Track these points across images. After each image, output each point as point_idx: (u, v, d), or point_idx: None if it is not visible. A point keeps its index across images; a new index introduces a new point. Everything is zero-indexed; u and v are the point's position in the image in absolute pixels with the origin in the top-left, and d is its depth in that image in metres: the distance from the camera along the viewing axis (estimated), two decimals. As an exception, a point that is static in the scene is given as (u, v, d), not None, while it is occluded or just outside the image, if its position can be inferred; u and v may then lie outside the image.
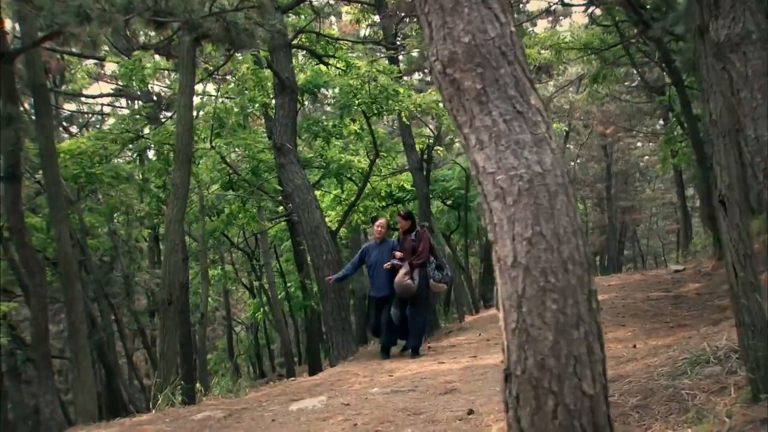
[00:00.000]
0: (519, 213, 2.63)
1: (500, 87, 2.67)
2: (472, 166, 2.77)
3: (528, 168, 2.63)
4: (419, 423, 5.74)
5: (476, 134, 2.70)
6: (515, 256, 2.64)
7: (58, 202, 8.92)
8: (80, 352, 8.95)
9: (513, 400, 2.69)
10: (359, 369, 10.22)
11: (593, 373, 2.59)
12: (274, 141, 11.90)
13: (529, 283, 2.61)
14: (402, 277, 9.01)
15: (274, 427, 6.41)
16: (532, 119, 2.67)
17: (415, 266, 9.15)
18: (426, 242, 9.24)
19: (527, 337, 2.61)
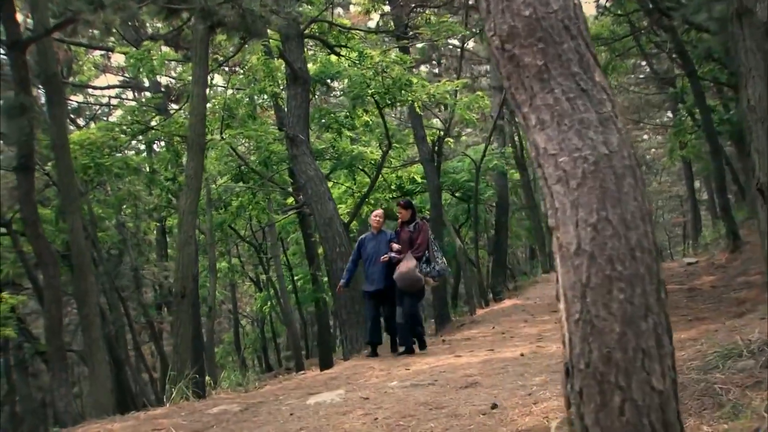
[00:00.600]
0: (583, 197, 2.47)
1: (563, 63, 2.51)
2: (532, 147, 2.61)
3: (593, 149, 2.46)
4: (441, 417, 5.60)
5: (537, 113, 2.54)
6: (579, 243, 2.48)
7: (71, 194, 8.77)
8: (94, 345, 8.82)
9: (575, 395, 2.53)
10: (374, 362, 10.10)
11: (662, 368, 2.44)
12: (287, 132, 11.75)
13: (594, 272, 2.45)
14: (411, 269, 8.66)
15: (293, 422, 6.27)
16: (596, 97, 2.51)
17: (419, 258, 8.80)
18: (425, 234, 8.88)
19: (592, 328, 2.46)
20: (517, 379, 6.75)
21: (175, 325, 9.68)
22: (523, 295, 17.90)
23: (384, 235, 9.14)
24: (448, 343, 11.25)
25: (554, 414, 4.91)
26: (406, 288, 8.77)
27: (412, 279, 8.66)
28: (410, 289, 8.79)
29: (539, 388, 5.98)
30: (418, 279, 8.68)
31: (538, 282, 19.92)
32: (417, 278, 8.67)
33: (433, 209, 15.47)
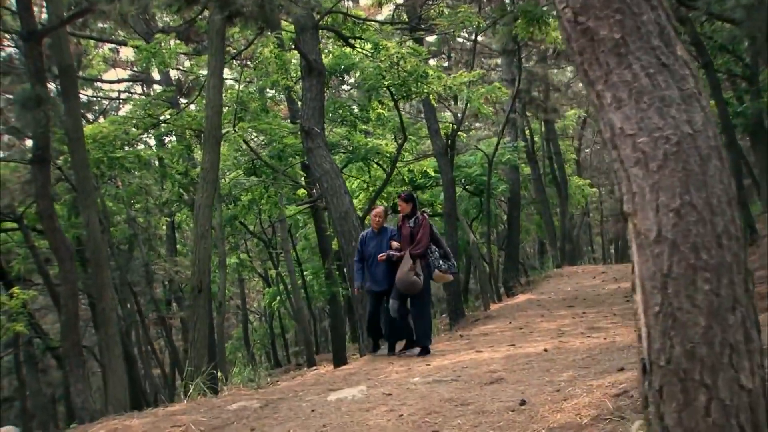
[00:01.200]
0: (665, 180, 2.29)
1: (642, 36, 2.33)
2: (606, 128, 2.43)
3: (676, 128, 2.29)
4: (468, 414, 5.46)
5: (613, 91, 2.36)
6: (659, 230, 2.30)
7: (86, 187, 8.61)
8: (110, 340, 8.69)
9: (655, 393, 2.36)
10: (393, 358, 9.96)
11: (751, 364, 2.26)
12: (302, 124, 11.56)
13: (677, 261, 2.28)
14: (406, 273, 8.19)
15: (314, 418, 6.14)
16: (679, 72, 2.33)
17: (414, 257, 8.29)
18: (426, 229, 8.39)
19: (674, 322, 2.28)
20: (543, 374, 6.62)
21: (192, 320, 9.53)
22: (537, 290, 17.72)
23: (385, 232, 8.74)
24: (467, 338, 11.10)
25: (586, 411, 4.77)
26: (404, 292, 8.40)
27: (408, 283, 8.23)
28: (410, 292, 8.40)
29: (567, 384, 5.84)
30: (413, 282, 8.23)
31: (550, 277, 19.73)
32: (412, 282, 8.22)
33: (447, 203, 15.30)
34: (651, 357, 2.37)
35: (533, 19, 13.45)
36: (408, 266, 8.15)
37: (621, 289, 15.05)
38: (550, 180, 26.08)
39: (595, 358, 7.16)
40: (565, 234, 25.60)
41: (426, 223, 8.41)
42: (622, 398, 4.86)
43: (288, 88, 13.53)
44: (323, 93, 11.79)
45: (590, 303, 13.72)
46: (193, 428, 6.44)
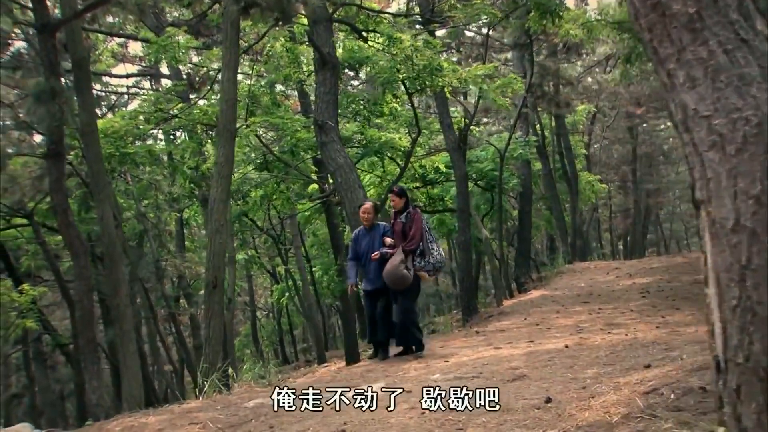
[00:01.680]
0: (744, 165, 2.13)
1: (719, 9, 2.18)
2: (678, 109, 2.28)
3: (756, 109, 2.13)
4: (492, 411, 5.32)
5: (686, 69, 2.21)
6: (737, 219, 2.15)
7: (101, 182, 8.49)
8: (125, 336, 8.57)
9: (731, 393, 2.21)
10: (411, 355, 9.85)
11: (838, 361, 2.11)
12: (316, 118, 11.43)
13: (757, 251, 2.12)
14: (396, 266, 7.87)
15: (335, 415, 6.02)
16: (759, 48, 2.17)
17: (407, 253, 7.99)
18: (418, 224, 8.09)
19: (753, 317, 2.13)
20: (567, 371, 6.52)
21: (206, 317, 9.42)
22: (550, 286, 17.57)
23: (377, 229, 8.43)
24: (483, 335, 10.99)
25: (615, 409, 4.64)
26: (393, 286, 8.05)
27: (397, 276, 7.90)
28: (398, 287, 8.05)
29: (593, 381, 5.74)
30: (402, 276, 7.89)
31: (563, 273, 19.55)
32: (401, 275, 7.89)
33: (460, 199, 15.14)
34: (727, 354, 2.21)
35: (546, 11, 13.32)
36: (399, 259, 7.88)
37: (636, 285, 14.90)
38: (560, 176, 25.90)
39: (619, 355, 7.05)
40: (575, 230, 25.43)
41: (418, 218, 8.15)
42: (652, 396, 4.73)
43: (300, 81, 13.38)
44: (337, 86, 11.63)
45: (605, 299, 13.58)
46: (210, 426, 6.34)
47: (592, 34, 17.55)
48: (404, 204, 8.23)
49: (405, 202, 8.24)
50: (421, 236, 8.05)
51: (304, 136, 12.77)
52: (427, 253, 8.07)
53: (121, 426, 6.78)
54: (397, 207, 8.23)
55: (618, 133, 37.25)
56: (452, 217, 21.23)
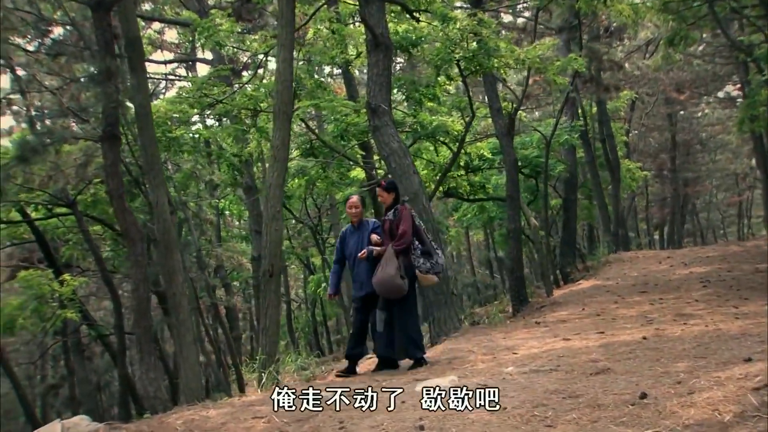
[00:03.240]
0: None
1: None
2: None
3: None
4: (581, 407, 5.02)
5: None
6: None
7: (155, 166, 8.17)
8: (182, 326, 8.26)
9: None
10: (471, 346, 9.52)
11: None
12: (368, 102, 11.04)
13: None
14: (391, 276, 7.02)
15: (407, 410, 5.71)
16: None
17: (398, 253, 7.13)
18: (407, 221, 7.22)
19: None
20: (654, 365, 6.18)
21: (263, 306, 9.10)
22: (599, 275, 17.12)
23: (366, 226, 7.65)
24: (545, 325, 10.60)
25: (724, 406, 4.29)
26: (385, 295, 7.26)
27: (391, 286, 7.08)
28: (390, 296, 7.23)
29: (688, 375, 5.40)
30: (398, 286, 7.08)
31: (610, 262, 19.06)
32: (397, 286, 7.07)
33: (510, 186, 14.68)
34: None
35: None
36: (394, 267, 7.03)
37: (694, 275, 14.40)
38: (600, 163, 25.30)
39: (708, 348, 6.67)
40: (617, 219, 24.84)
41: (406, 214, 7.29)
42: (763, 392, 4.38)
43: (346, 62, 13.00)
44: (390, 69, 11.24)
45: (664, 289, 13.11)
46: (276, 420, 6.04)
47: (638, 16, 16.99)
48: (393, 200, 7.46)
49: (394, 198, 7.46)
50: (411, 233, 7.24)
51: (355, 121, 12.39)
52: (433, 252, 7.38)
53: (181, 419, 6.50)
54: (386, 203, 7.47)
55: (656, 121, 36.49)
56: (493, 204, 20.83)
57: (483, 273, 33.78)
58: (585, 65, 14.40)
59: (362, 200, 7.81)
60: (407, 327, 7.44)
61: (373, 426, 5.45)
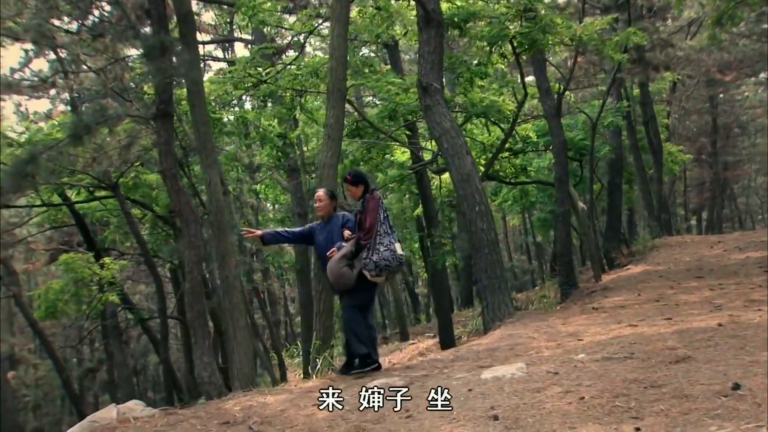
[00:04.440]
0: None
1: None
2: None
3: None
4: (667, 398, 4.59)
5: None
6: None
7: (208, 145, 7.91)
8: (235, 310, 8.03)
9: None
10: (531, 332, 9.19)
11: None
12: (419, 80, 10.69)
13: None
14: (336, 262, 6.52)
15: (476, 399, 5.47)
16: None
17: (363, 247, 6.56)
18: (373, 213, 6.58)
19: None
20: (739, 353, 5.70)
21: (317, 291, 8.85)
22: (648, 261, 16.64)
23: (335, 221, 6.96)
24: (604, 311, 10.22)
25: None
26: (334, 286, 6.76)
27: (334, 275, 6.55)
28: (338, 287, 6.71)
29: None
30: (340, 274, 6.51)
31: (657, 247, 18.56)
32: (339, 273, 6.51)
33: (558, 168, 14.28)
34: None
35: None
36: (339, 255, 6.53)
37: (751, 259, 13.88)
38: (642, 146, 24.67)
39: (799, 336, 6.27)
40: (660, 203, 24.23)
41: (373, 204, 6.63)
42: None
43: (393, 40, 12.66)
44: (442, 46, 10.86)
45: (721, 274, 12.62)
46: (337, 407, 5.79)
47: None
48: (363, 191, 6.76)
49: (364, 189, 6.75)
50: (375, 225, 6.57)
51: (404, 100, 12.03)
52: (372, 248, 6.56)
53: (239, 405, 6.29)
54: (357, 196, 6.82)
55: (696, 104, 35.62)
56: (534, 188, 20.39)
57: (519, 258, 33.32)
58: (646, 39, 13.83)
59: (331, 194, 7.07)
60: (351, 322, 6.82)
61: (442, 415, 5.20)
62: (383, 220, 6.62)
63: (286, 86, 12.45)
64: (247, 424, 5.55)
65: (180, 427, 5.68)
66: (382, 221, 6.62)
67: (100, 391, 29.35)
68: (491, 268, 10.66)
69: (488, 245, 10.64)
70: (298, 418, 5.54)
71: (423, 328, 21.60)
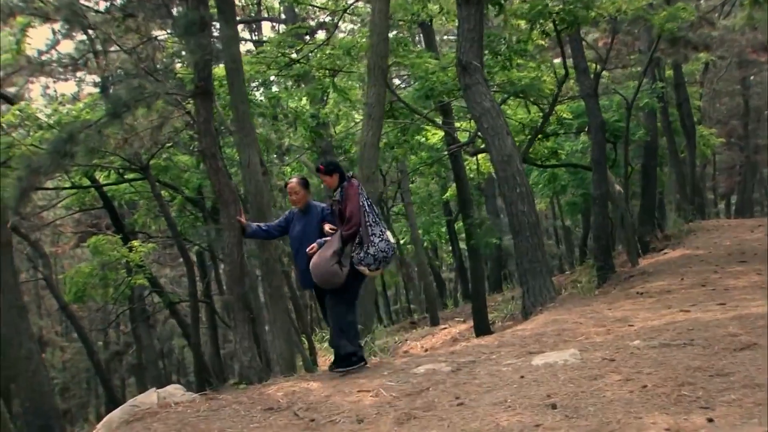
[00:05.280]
0: None
1: None
2: None
3: None
4: (737, 388, 4.39)
5: None
6: None
7: (247, 124, 7.69)
8: (275, 293, 7.85)
9: None
10: (576, 317, 8.98)
11: None
12: (459, 58, 10.40)
13: None
14: (326, 260, 5.99)
15: (529, 386, 5.37)
16: None
17: (347, 240, 6.06)
18: (353, 201, 6.03)
19: None
20: None
21: (355, 274, 8.62)
22: (686, 245, 16.29)
23: (313, 212, 6.47)
24: (649, 296, 9.97)
25: None
26: (321, 284, 6.22)
27: (324, 274, 6.04)
28: (326, 285, 6.20)
29: None
30: (332, 274, 6.02)
31: (693, 231, 18.16)
32: (331, 272, 6.01)
33: (596, 150, 13.94)
34: None
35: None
36: (329, 252, 6.01)
37: (795, 244, 13.53)
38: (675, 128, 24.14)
39: None
40: (694, 186, 23.75)
41: (353, 192, 6.09)
42: None
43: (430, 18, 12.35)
44: (482, 23, 10.56)
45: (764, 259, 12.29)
46: (384, 394, 5.63)
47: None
48: (339, 181, 6.23)
49: (339, 177, 6.23)
50: (359, 214, 6.05)
51: (442, 79, 11.72)
52: (366, 240, 6.07)
53: (282, 391, 6.13)
54: (333, 186, 6.29)
55: (728, 85, 34.84)
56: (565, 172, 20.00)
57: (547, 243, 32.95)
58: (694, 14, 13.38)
59: (304, 183, 6.56)
60: (339, 318, 6.36)
61: (496, 403, 5.03)
62: (368, 209, 6.10)
63: (319, 65, 12.18)
64: (292, 410, 5.42)
65: (223, 413, 5.56)
66: (368, 210, 6.09)
67: (126, 374, 29.52)
68: (532, 252, 10.43)
69: (529, 228, 10.40)
70: (344, 405, 5.42)
71: (451, 312, 21.38)
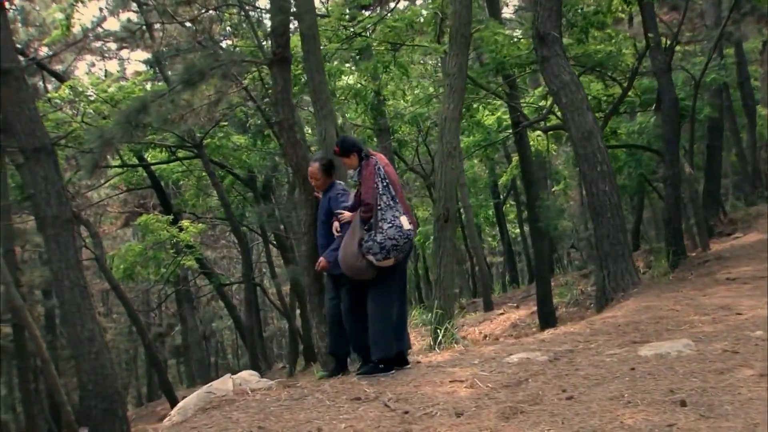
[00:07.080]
0: None
1: None
2: None
3: None
4: None
5: None
6: None
7: (323, 95, 7.18)
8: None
9: None
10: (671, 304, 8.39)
11: None
12: (536, 29, 9.79)
13: None
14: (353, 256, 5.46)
15: (644, 379, 4.74)
16: None
17: (366, 221, 5.46)
18: (368, 181, 5.46)
19: None
20: None
21: (437, 255, 8.13)
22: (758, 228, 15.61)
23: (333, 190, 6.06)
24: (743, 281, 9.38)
25: None
26: (352, 276, 5.62)
27: (350, 269, 5.53)
28: (363, 277, 5.58)
29: None
30: (361, 270, 5.48)
31: (762, 214, 17.40)
32: (360, 268, 5.47)
33: (668, 128, 13.22)
34: None
35: None
36: (355, 243, 5.46)
37: None
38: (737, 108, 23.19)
39: None
40: (755, 169, 22.82)
41: (369, 172, 5.50)
42: None
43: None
44: (561, -9, 9.92)
45: None
46: (480, 385, 5.15)
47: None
48: (359, 161, 5.64)
49: (359, 157, 5.64)
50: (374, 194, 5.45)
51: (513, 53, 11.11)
52: (374, 227, 5.45)
53: (365, 380, 5.68)
54: (352, 166, 5.73)
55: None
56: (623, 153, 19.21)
57: (593, 227, 32.12)
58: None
59: (324, 168, 6.10)
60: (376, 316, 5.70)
61: (610, 397, 4.54)
62: (383, 190, 5.48)
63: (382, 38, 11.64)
64: (382, 401, 4.98)
65: (306, 402, 5.15)
66: (382, 192, 5.47)
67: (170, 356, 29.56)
68: (614, 234, 9.82)
69: (611, 209, 9.79)
70: (437, 396, 4.98)
71: (501, 298, 20.85)
